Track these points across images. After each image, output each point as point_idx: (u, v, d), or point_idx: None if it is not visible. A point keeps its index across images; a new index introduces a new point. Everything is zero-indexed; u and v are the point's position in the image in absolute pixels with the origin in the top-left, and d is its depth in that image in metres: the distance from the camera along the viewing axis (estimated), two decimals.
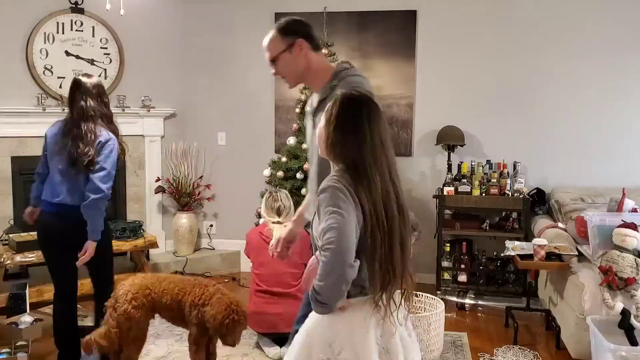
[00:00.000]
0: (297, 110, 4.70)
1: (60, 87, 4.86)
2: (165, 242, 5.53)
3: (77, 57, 4.96)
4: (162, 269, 5.15)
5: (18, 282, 4.27)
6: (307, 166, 4.44)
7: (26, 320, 3.86)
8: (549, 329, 4.08)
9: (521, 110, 5.06)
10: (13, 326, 3.79)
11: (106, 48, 5.11)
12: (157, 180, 5.39)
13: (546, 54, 4.98)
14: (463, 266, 4.77)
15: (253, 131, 5.50)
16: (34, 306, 4.17)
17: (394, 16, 5.15)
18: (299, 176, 4.51)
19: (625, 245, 3.43)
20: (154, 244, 4.98)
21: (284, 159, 4.65)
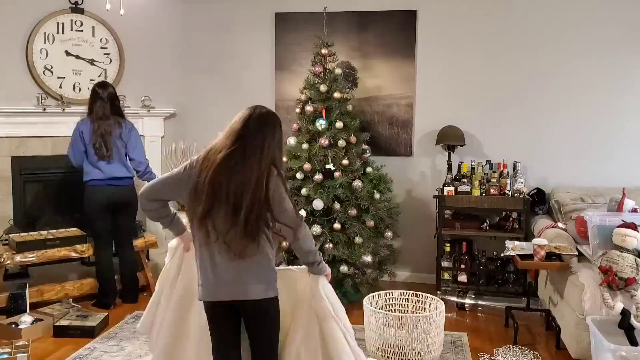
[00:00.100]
0: (297, 110, 4.69)
1: (60, 87, 4.86)
2: (165, 242, 5.51)
3: (77, 57, 4.96)
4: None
5: (18, 282, 4.27)
6: (308, 166, 4.45)
7: (26, 320, 3.86)
8: (549, 329, 4.08)
9: (521, 110, 5.06)
10: (13, 326, 3.79)
11: (106, 48, 5.11)
12: None
13: (546, 54, 4.98)
14: (463, 266, 4.77)
15: None
16: (34, 306, 4.16)
17: (394, 16, 5.15)
18: (299, 176, 4.51)
19: (625, 245, 3.43)
20: (154, 244, 4.98)
21: (284, 159, 4.64)
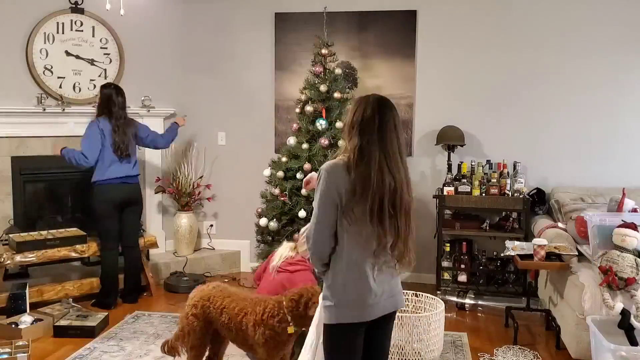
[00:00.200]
0: (297, 110, 4.69)
1: (60, 87, 4.86)
2: (165, 242, 5.52)
3: (77, 57, 4.96)
4: (162, 269, 5.15)
5: (18, 282, 4.27)
6: (308, 166, 4.44)
7: (26, 320, 3.86)
8: (549, 329, 4.08)
9: (521, 110, 5.06)
10: (13, 326, 3.79)
11: (106, 48, 5.11)
12: (157, 180, 5.39)
13: (546, 54, 4.98)
14: (463, 266, 4.77)
15: (253, 131, 5.50)
16: (34, 306, 4.16)
17: (394, 16, 5.15)
18: (299, 176, 4.50)
19: (625, 245, 3.43)
20: (154, 244, 4.99)
21: (284, 159, 4.64)
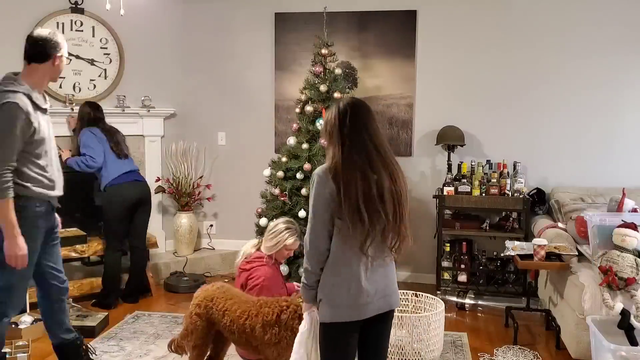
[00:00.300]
0: (297, 110, 4.69)
1: (60, 87, 4.86)
2: (165, 242, 5.52)
3: (77, 57, 4.96)
4: (162, 269, 5.15)
5: None
6: (308, 166, 4.44)
7: (26, 320, 3.86)
8: (549, 329, 4.08)
9: (521, 110, 5.06)
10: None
11: (106, 48, 5.10)
12: (157, 180, 5.39)
13: (546, 54, 4.98)
14: (463, 266, 4.77)
15: (253, 131, 5.50)
16: (34, 306, 4.16)
17: (394, 16, 5.15)
18: (299, 176, 4.51)
19: (625, 245, 3.43)
20: (154, 244, 4.99)
21: (284, 159, 4.64)
